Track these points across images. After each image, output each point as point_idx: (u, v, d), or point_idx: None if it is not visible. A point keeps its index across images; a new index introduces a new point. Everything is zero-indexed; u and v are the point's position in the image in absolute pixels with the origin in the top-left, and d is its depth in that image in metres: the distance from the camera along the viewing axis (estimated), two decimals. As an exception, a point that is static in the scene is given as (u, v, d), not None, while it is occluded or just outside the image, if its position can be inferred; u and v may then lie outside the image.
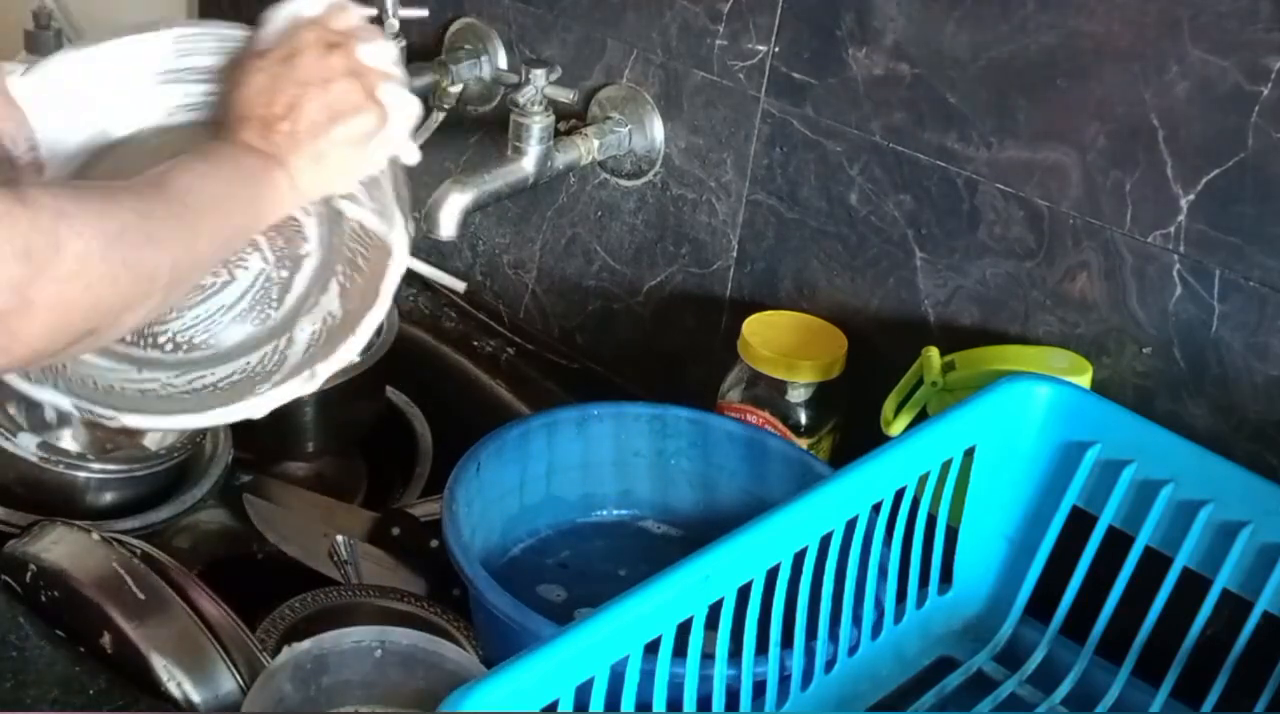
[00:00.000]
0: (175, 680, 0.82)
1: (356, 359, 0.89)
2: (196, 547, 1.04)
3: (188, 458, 1.04)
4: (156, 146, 0.87)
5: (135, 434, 1.08)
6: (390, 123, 0.84)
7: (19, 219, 0.64)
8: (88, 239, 0.67)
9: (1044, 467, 0.90)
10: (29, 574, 0.87)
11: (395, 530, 1.05)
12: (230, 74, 0.85)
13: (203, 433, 1.05)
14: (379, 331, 1.18)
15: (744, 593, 0.76)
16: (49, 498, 0.96)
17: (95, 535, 0.88)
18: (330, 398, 1.13)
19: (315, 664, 0.81)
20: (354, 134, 0.83)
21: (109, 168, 0.87)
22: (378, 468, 1.23)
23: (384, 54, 0.85)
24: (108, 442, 1.07)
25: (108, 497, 0.99)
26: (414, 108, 0.86)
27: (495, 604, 0.82)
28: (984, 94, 0.93)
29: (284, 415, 1.13)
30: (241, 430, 1.09)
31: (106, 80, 0.88)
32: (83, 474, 0.98)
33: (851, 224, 1.03)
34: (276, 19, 0.85)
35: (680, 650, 0.73)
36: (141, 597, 0.84)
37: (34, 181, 0.83)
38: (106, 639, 0.84)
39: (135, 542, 0.90)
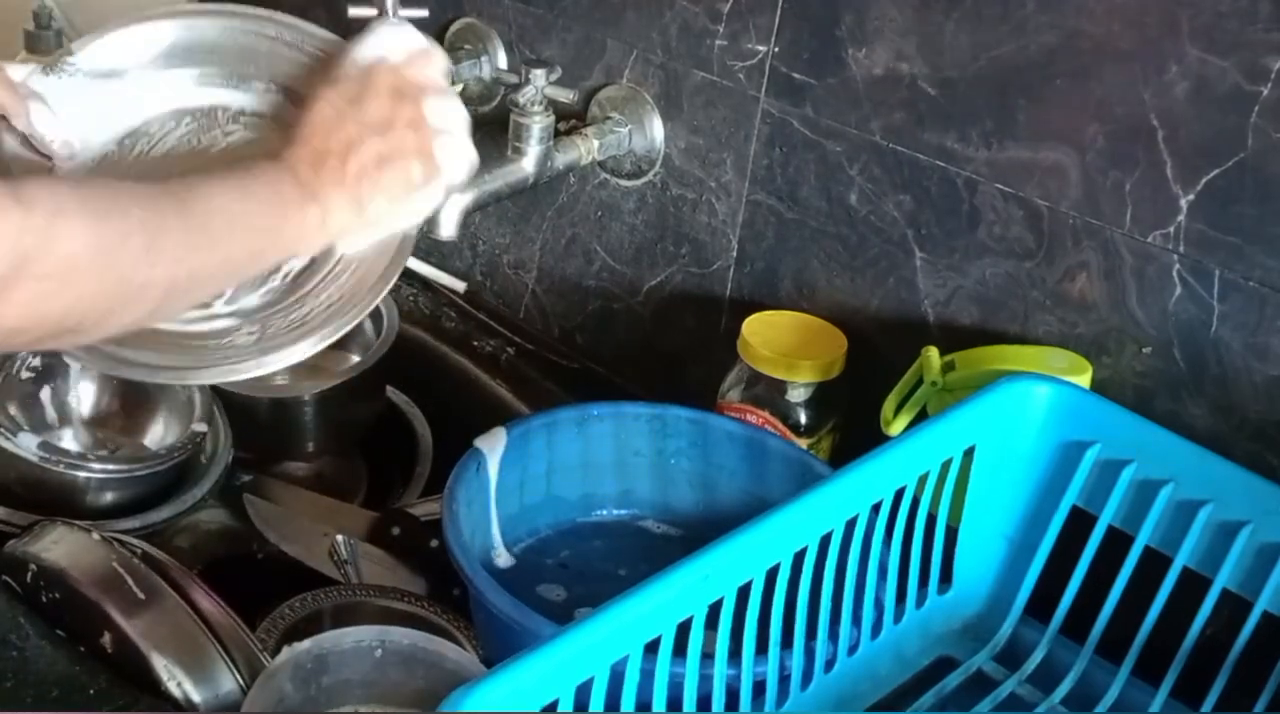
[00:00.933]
0: (176, 680, 0.82)
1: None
2: (197, 546, 1.04)
3: (188, 458, 1.04)
4: (183, 139, 0.89)
5: (135, 434, 1.08)
6: (440, 180, 0.85)
7: (11, 217, 0.65)
8: (80, 243, 0.67)
9: (1044, 466, 0.90)
10: (29, 574, 0.87)
11: (395, 530, 1.05)
12: (305, 100, 0.85)
13: (202, 433, 1.05)
14: (379, 332, 1.18)
15: (744, 593, 0.76)
16: (49, 498, 0.96)
17: (95, 535, 0.88)
18: (330, 398, 1.14)
19: (315, 664, 0.81)
20: (399, 182, 0.83)
21: (139, 153, 0.88)
22: (378, 468, 1.23)
23: (451, 110, 0.85)
24: (108, 442, 1.07)
25: (108, 496, 0.99)
26: (469, 165, 0.87)
27: (495, 604, 0.82)
28: (984, 94, 0.93)
29: (284, 415, 1.14)
30: (242, 430, 1.09)
31: (119, 66, 0.89)
32: (83, 474, 0.98)
33: (851, 224, 1.03)
34: (359, 57, 0.86)
35: (680, 650, 0.73)
36: (142, 596, 0.84)
37: (41, 177, 0.83)
38: (107, 639, 0.84)
39: (135, 541, 0.90)
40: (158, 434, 1.08)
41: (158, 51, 0.90)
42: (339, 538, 1.03)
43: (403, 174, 0.83)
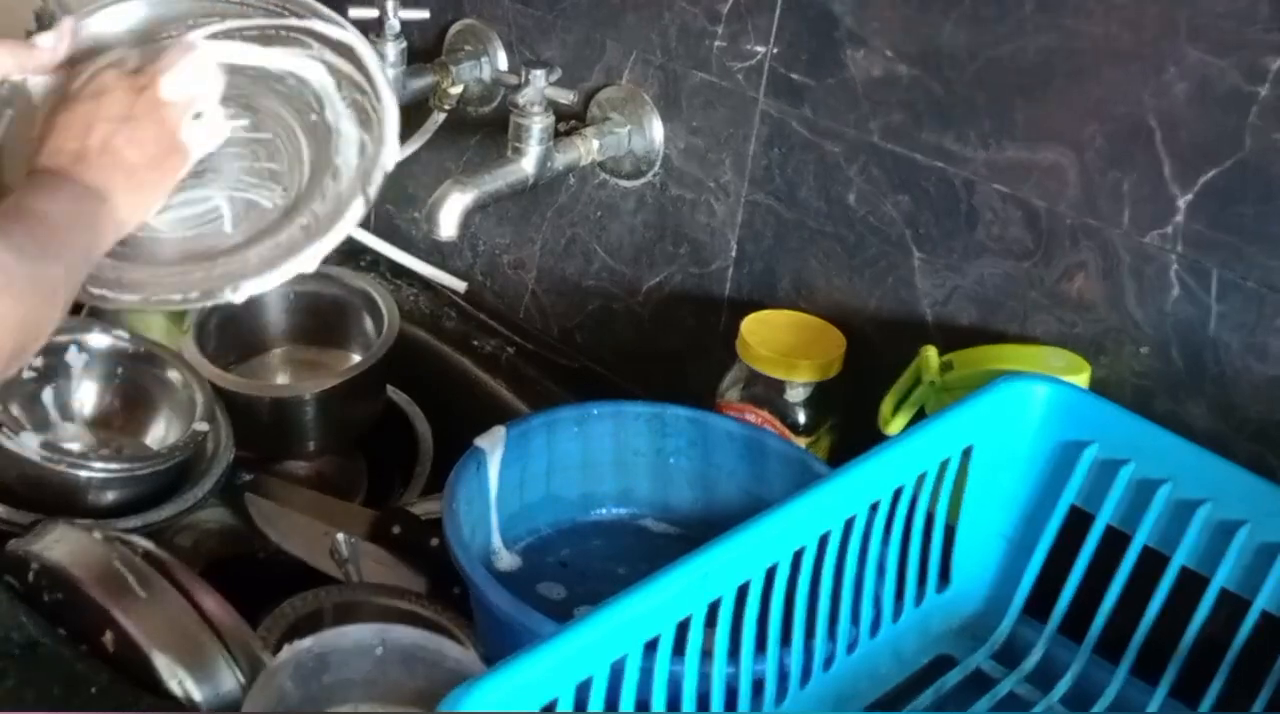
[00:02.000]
0: (177, 678, 0.82)
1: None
2: (198, 545, 1.04)
3: (189, 457, 1.04)
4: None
5: (137, 433, 1.08)
6: (191, 156, 0.90)
7: None
8: (3, 253, 0.71)
9: (1042, 466, 0.90)
10: (31, 573, 0.87)
11: (396, 529, 1.05)
12: (55, 106, 0.89)
13: (204, 432, 1.05)
14: (379, 332, 1.19)
15: (742, 591, 0.76)
16: (51, 497, 0.96)
17: (97, 534, 0.89)
18: (331, 398, 1.14)
19: (316, 662, 0.81)
20: (162, 173, 0.88)
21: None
22: (378, 467, 1.23)
23: (186, 80, 0.89)
24: (110, 441, 1.07)
25: (110, 495, 0.99)
26: (218, 135, 0.91)
27: (495, 602, 0.83)
28: (982, 94, 0.94)
29: (285, 415, 1.15)
30: (243, 430, 1.09)
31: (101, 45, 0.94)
32: (85, 473, 0.98)
33: (850, 224, 1.03)
34: (97, 64, 0.91)
35: (679, 649, 0.73)
36: (143, 595, 0.85)
37: None
38: (108, 637, 0.84)
39: (137, 540, 0.90)
40: (159, 433, 1.08)
41: (133, 25, 0.94)
42: (339, 536, 1.03)
43: (162, 163, 0.87)
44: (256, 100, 0.94)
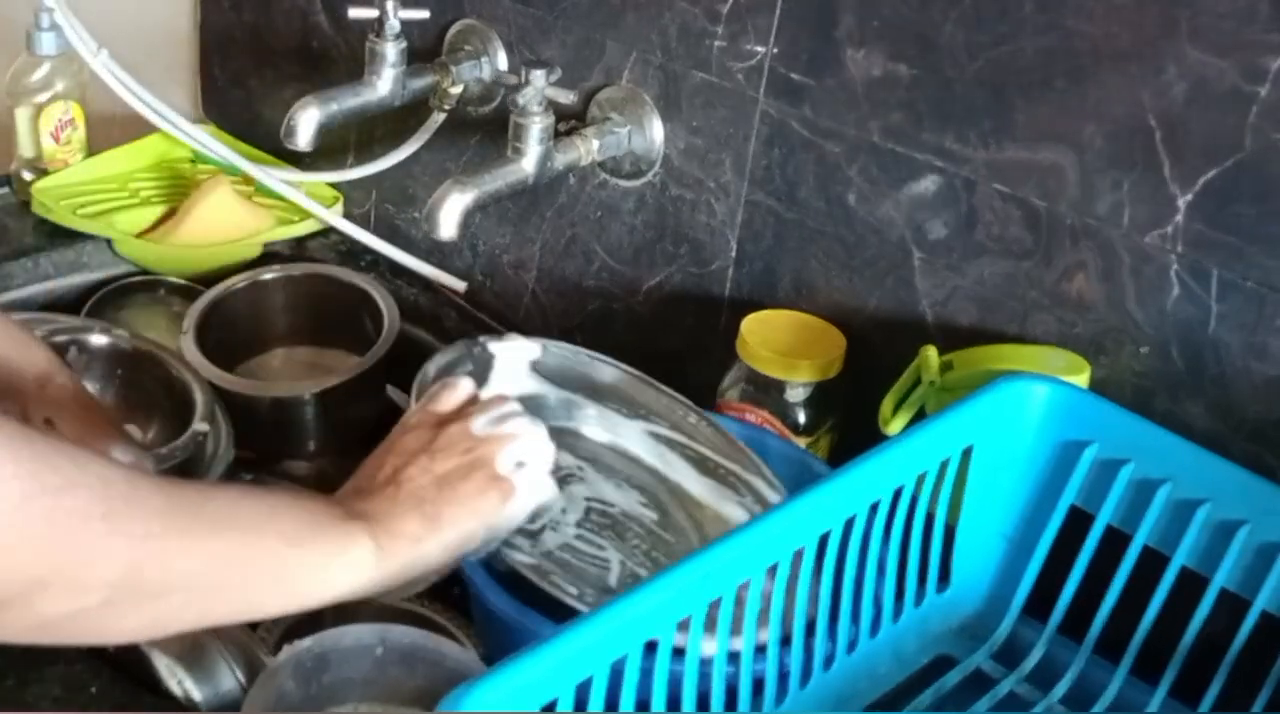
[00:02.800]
0: (177, 678, 0.82)
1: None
2: (197, 546, 1.04)
3: (189, 457, 1.04)
4: None
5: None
6: (517, 496, 0.79)
7: None
8: (7, 481, 0.57)
9: (1042, 466, 0.90)
10: (31, 573, 0.87)
11: (395, 529, 1.05)
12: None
13: (204, 433, 1.05)
14: (379, 332, 1.18)
15: (742, 591, 0.76)
16: (50, 497, 0.96)
17: (97, 534, 0.88)
18: (331, 398, 1.14)
19: (316, 662, 0.81)
20: (469, 510, 0.77)
21: None
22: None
23: (506, 419, 0.80)
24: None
25: (109, 496, 0.99)
26: (546, 489, 0.80)
27: (495, 602, 0.83)
28: (982, 94, 0.93)
29: (285, 415, 1.15)
30: (243, 430, 1.09)
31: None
32: (84, 473, 0.98)
33: (849, 224, 1.03)
34: (410, 419, 0.83)
35: (680, 648, 0.73)
36: (143, 595, 0.85)
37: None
38: (108, 637, 0.84)
39: (137, 540, 0.90)
40: (155, 431, 1.08)
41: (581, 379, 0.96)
42: (339, 537, 1.03)
43: (471, 497, 0.77)
44: (670, 506, 0.93)
